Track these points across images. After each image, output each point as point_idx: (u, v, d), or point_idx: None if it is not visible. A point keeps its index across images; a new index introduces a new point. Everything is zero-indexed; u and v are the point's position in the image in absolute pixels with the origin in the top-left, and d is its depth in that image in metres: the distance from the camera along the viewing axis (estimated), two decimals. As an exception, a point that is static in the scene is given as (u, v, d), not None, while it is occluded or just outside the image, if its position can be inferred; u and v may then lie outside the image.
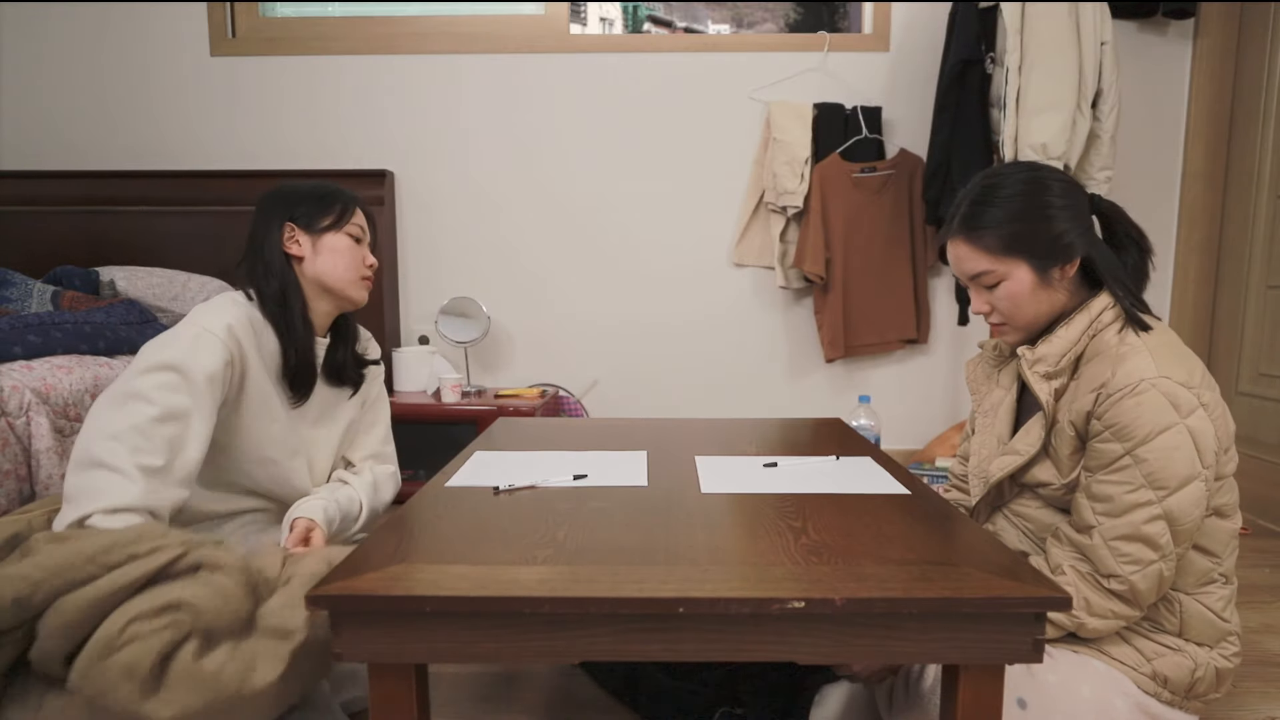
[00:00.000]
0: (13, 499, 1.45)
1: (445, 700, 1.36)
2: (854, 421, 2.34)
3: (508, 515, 0.97)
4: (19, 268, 2.54)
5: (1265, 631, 1.64)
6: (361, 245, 1.34)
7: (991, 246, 1.08)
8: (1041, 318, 1.10)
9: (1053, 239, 1.06)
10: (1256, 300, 2.46)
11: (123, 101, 2.79)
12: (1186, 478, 0.97)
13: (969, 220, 1.10)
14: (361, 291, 1.33)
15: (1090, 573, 1.02)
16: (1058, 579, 1.04)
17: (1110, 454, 1.00)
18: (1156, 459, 0.97)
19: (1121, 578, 0.99)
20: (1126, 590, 1.00)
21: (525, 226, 2.82)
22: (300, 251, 1.28)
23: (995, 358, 1.26)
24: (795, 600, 0.72)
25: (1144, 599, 1.01)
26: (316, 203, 1.29)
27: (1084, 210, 1.09)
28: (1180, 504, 0.97)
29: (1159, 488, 0.97)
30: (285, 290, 1.25)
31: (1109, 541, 1.00)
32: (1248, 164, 2.52)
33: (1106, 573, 1.00)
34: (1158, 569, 0.99)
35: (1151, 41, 2.67)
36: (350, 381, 1.39)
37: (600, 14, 2.78)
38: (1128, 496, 0.99)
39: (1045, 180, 1.08)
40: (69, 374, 1.55)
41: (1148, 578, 0.99)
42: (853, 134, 2.64)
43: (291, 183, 1.33)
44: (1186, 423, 0.97)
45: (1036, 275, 1.07)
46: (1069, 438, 1.06)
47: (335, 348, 1.36)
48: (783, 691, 1.28)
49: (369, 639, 0.76)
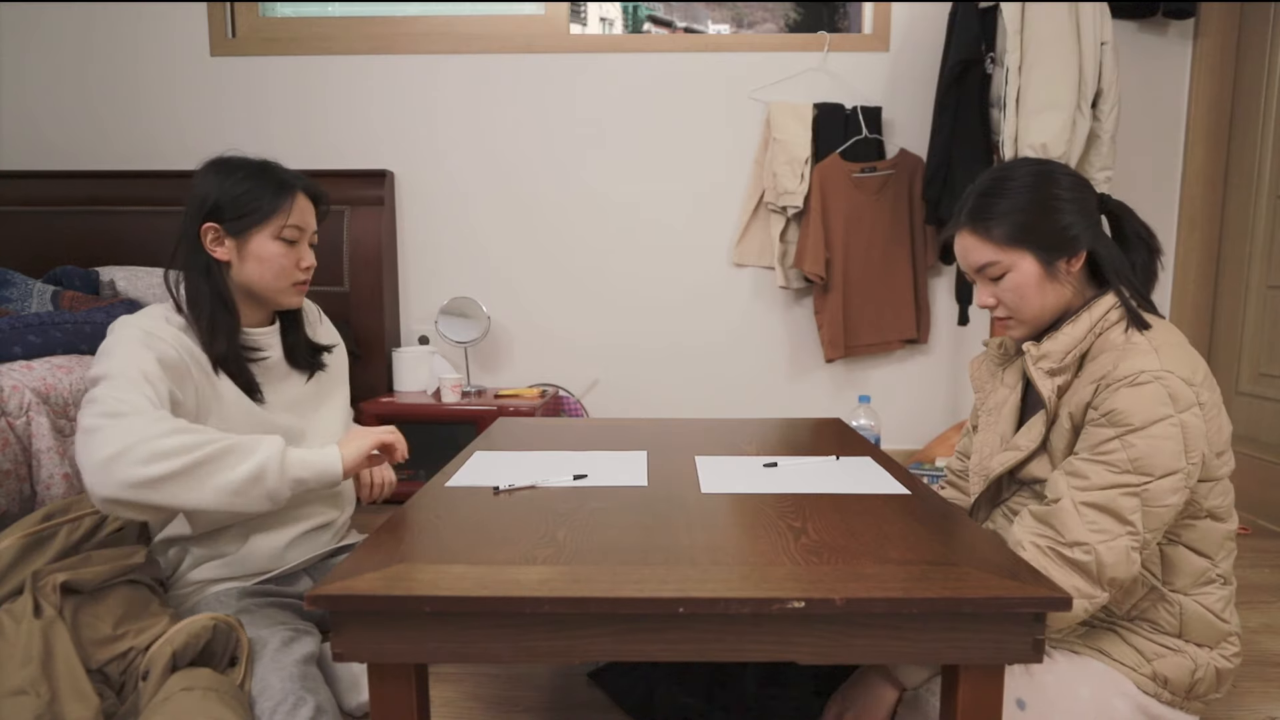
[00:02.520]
0: (13, 499, 1.45)
1: (445, 700, 1.36)
2: (854, 421, 2.34)
3: (508, 515, 0.97)
4: (19, 268, 2.53)
5: (1265, 631, 1.64)
6: (297, 247, 1.20)
7: (998, 237, 1.08)
8: (1047, 312, 1.10)
9: (1058, 231, 1.06)
10: (1256, 300, 2.46)
11: (123, 102, 2.79)
12: (1170, 469, 0.96)
13: (976, 212, 1.10)
14: (294, 297, 1.22)
15: (1051, 545, 0.97)
16: (1018, 552, 1.00)
17: (1099, 436, 0.99)
18: (1145, 446, 0.96)
19: (1087, 545, 0.95)
20: (1090, 561, 0.95)
21: (525, 226, 2.82)
22: (226, 255, 1.16)
23: (1000, 356, 1.26)
24: (795, 600, 0.72)
25: (1108, 573, 0.95)
26: (241, 195, 1.15)
27: (1091, 206, 1.09)
28: (1159, 489, 0.96)
29: (1142, 473, 0.96)
30: (196, 299, 1.15)
31: (1078, 505, 0.97)
32: (1248, 164, 2.52)
33: (1070, 540, 0.96)
34: (1124, 544, 0.95)
35: (1151, 41, 2.67)
36: (305, 366, 1.31)
37: (600, 14, 2.78)
38: (1108, 475, 0.97)
39: (1053, 174, 1.09)
40: (69, 374, 1.55)
41: (1114, 550, 0.95)
42: (853, 134, 2.64)
43: (221, 162, 1.19)
44: (1181, 417, 0.96)
45: (1042, 267, 1.07)
46: (1065, 431, 1.06)
47: (286, 333, 1.28)
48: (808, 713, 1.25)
49: (369, 639, 0.75)
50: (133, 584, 1.11)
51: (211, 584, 1.21)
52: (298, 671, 1.03)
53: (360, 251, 2.70)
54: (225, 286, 1.18)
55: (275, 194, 1.18)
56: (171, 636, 0.98)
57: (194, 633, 0.99)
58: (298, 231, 1.21)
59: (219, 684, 0.95)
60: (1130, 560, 0.96)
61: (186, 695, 0.91)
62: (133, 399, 1.02)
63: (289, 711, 0.98)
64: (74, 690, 0.92)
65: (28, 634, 0.94)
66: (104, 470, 0.97)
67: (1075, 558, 0.96)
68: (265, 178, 1.19)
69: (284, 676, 1.01)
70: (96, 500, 0.99)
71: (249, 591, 1.19)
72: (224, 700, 0.93)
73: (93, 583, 1.05)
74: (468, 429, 2.44)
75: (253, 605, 1.16)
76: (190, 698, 0.91)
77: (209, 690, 0.93)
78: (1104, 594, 0.97)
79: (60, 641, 0.96)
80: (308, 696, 1.00)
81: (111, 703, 0.99)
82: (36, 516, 1.12)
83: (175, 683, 0.93)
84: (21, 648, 0.93)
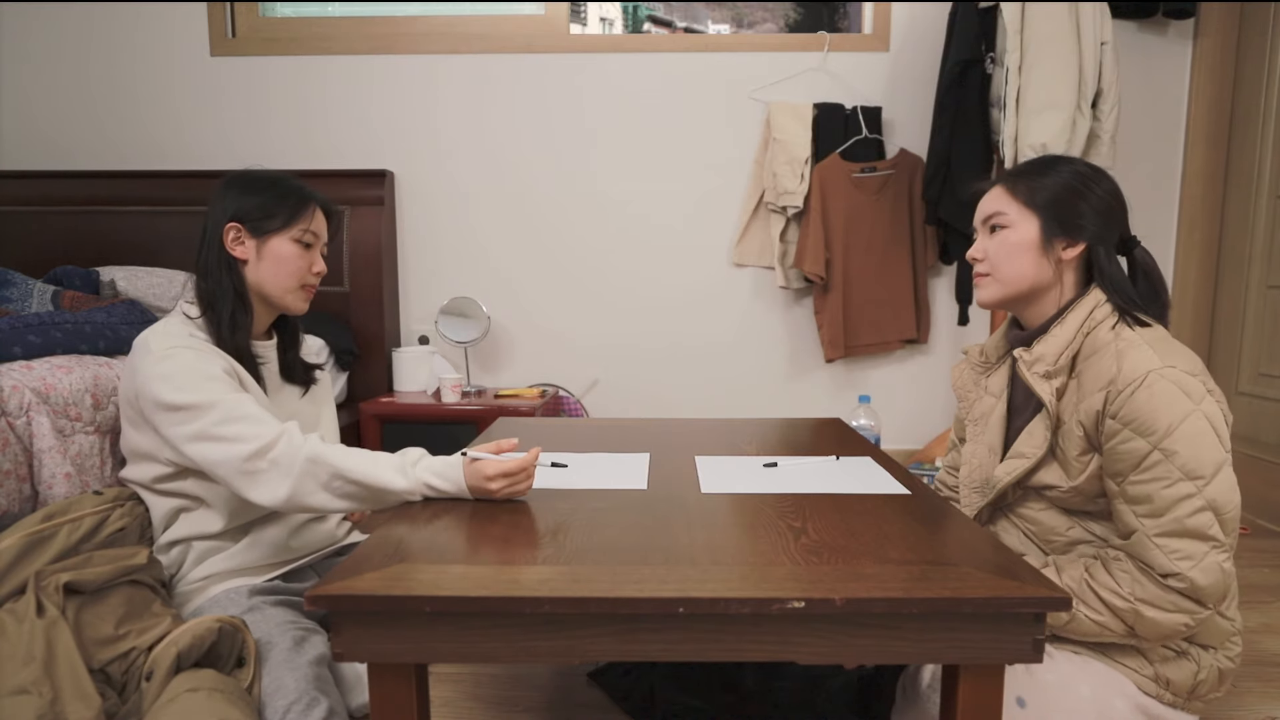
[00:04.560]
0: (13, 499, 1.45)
1: (445, 700, 1.36)
2: (854, 421, 2.34)
3: (508, 515, 0.97)
4: (19, 268, 2.53)
5: (1265, 631, 1.64)
6: (311, 251, 1.28)
7: (1020, 194, 1.11)
8: (1024, 282, 1.10)
9: (1070, 213, 1.08)
10: (1256, 300, 2.46)
11: (123, 102, 2.79)
12: (1218, 462, 0.96)
13: (1016, 172, 1.14)
14: (300, 301, 1.29)
15: (1145, 586, 0.97)
16: (1115, 576, 0.99)
17: (1137, 453, 0.98)
18: (1185, 448, 0.95)
19: (1180, 575, 0.95)
20: (1187, 587, 0.95)
21: (525, 226, 2.82)
22: (245, 254, 1.23)
23: (982, 364, 1.25)
24: (795, 600, 0.72)
25: (1208, 595, 0.95)
26: (266, 201, 1.23)
27: (1115, 220, 1.10)
28: (1220, 490, 0.95)
29: (1196, 477, 0.95)
30: (216, 295, 1.22)
31: (1154, 539, 0.96)
32: (1248, 164, 2.52)
33: (1163, 573, 0.96)
34: (1214, 561, 0.95)
35: (1151, 41, 2.67)
36: (300, 382, 1.38)
37: (600, 14, 2.78)
38: (1166, 492, 0.96)
39: (1101, 176, 1.11)
40: (69, 374, 1.55)
41: (1206, 571, 0.95)
42: (853, 134, 2.64)
43: (246, 174, 1.26)
44: (1201, 408, 0.96)
45: (1041, 237, 1.09)
46: (1078, 439, 1.05)
47: (283, 348, 1.35)
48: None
49: (369, 639, 0.76)
50: (135, 584, 1.11)
51: (217, 579, 1.21)
52: (311, 673, 1.04)
53: (360, 251, 2.70)
54: (244, 284, 1.25)
55: (297, 203, 1.26)
56: (176, 637, 0.98)
57: (199, 634, 0.99)
58: (314, 237, 1.28)
59: (224, 685, 0.95)
60: (1224, 573, 0.96)
61: (192, 696, 0.91)
62: (253, 418, 1.10)
63: (303, 711, 0.98)
64: (76, 690, 0.92)
65: (30, 633, 0.94)
66: (287, 505, 1.08)
67: (1174, 586, 0.96)
68: (288, 189, 1.27)
69: (298, 677, 1.02)
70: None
71: (258, 589, 1.19)
72: (230, 700, 0.93)
73: (95, 583, 1.05)
74: (468, 429, 2.44)
75: (262, 603, 1.16)
76: (196, 698, 0.91)
77: (214, 691, 0.93)
78: (1208, 611, 0.97)
79: (62, 641, 0.96)
80: (321, 698, 1.01)
81: (113, 703, 0.99)
82: (37, 516, 1.12)
83: (180, 684, 0.93)
84: (24, 647, 0.93)
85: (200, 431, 1.10)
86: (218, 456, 1.09)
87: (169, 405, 1.10)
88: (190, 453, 1.11)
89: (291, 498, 1.07)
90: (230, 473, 1.09)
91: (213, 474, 1.11)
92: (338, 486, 1.07)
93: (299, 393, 1.38)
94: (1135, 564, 0.99)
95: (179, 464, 1.18)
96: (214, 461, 1.09)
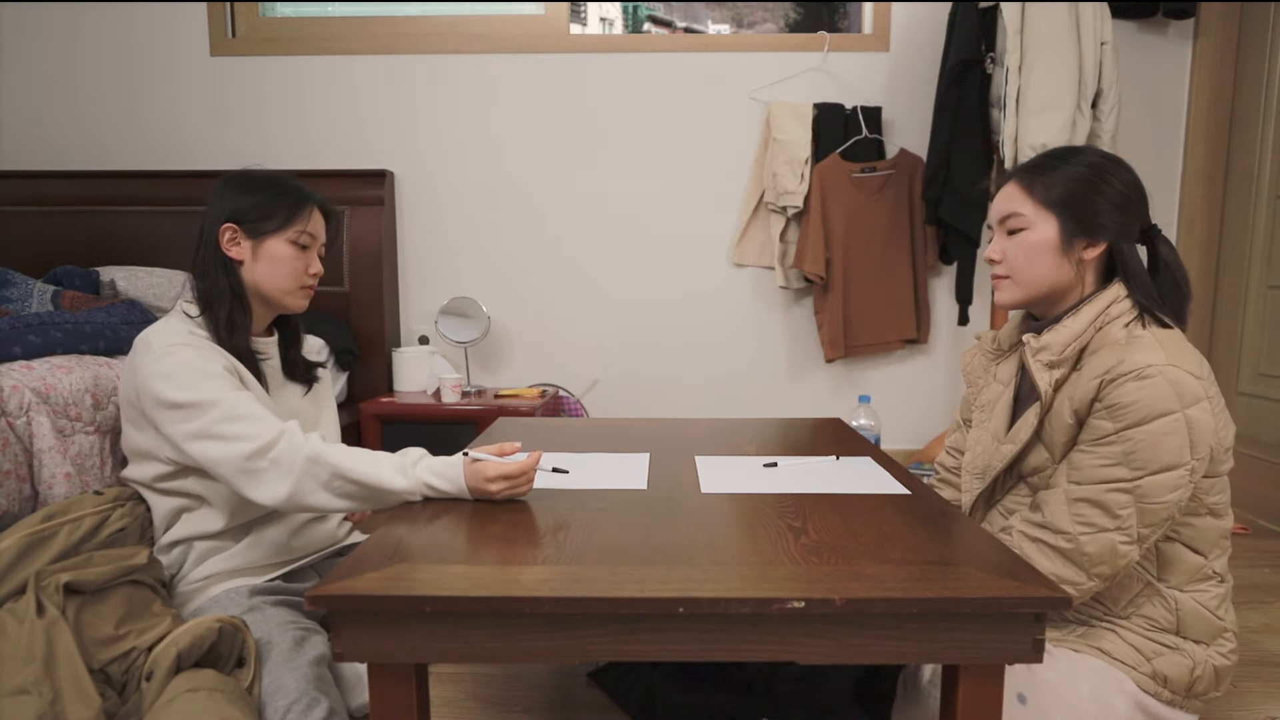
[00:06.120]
0: (13, 499, 1.45)
1: (445, 700, 1.36)
2: (854, 421, 2.34)
3: (508, 515, 0.97)
4: (19, 268, 2.53)
5: (1265, 631, 1.64)
6: (308, 252, 1.27)
7: (1036, 193, 1.09)
8: (1044, 284, 1.10)
9: (1090, 213, 1.07)
10: (1256, 300, 2.46)
11: (123, 102, 2.79)
12: (1169, 465, 0.96)
13: (1032, 167, 1.12)
14: (299, 300, 1.29)
15: (1035, 529, 1.02)
16: (1002, 538, 1.04)
17: (1098, 430, 1.00)
18: (1143, 441, 0.96)
19: (1069, 535, 0.99)
20: (1072, 549, 0.99)
21: (525, 226, 2.82)
22: (240, 255, 1.23)
23: (994, 351, 1.26)
24: (795, 600, 0.72)
25: (1090, 564, 0.99)
26: (263, 201, 1.23)
27: (1136, 213, 1.09)
28: (1153, 485, 0.97)
29: (1136, 468, 0.97)
30: (213, 295, 1.22)
31: (1070, 500, 1.00)
32: (1248, 164, 2.52)
33: (1056, 528, 1.00)
34: (1110, 539, 0.98)
35: (1151, 41, 2.67)
36: (302, 380, 1.38)
37: (600, 14, 2.78)
38: (1100, 469, 0.99)
39: (1118, 166, 1.09)
40: (69, 374, 1.55)
41: (1098, 542, 0.98)
42: (853, 134, 2.64)
43: (245, 173, 1.26)
44: (1187, 413, 0.96)
45: (1060, 238, 1.08)
46: (1067, 425, 1.05)
47: (284, 345, 1.35)
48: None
49: (369, 639, 0.76)
50: (135, 584, 1.11)
51: (218, 579, 1.21)
52: (312, 673, 1.04)
53: (360, 251, 2.70)
54: (241, 285, 1.24)
55: (294, 204, 1.25)
56: (177, 638, 0.98)
57: (199, 634, 0.99)
58: (311, 239, 1.28)
59: (224, 685, 0.96)
60: (1117, 554, 0.98)
61: (192, 696, 0.91)
62: (254, 417, 1.10)
63: (303, 711, 0.98)
64: (76, 690, 0.92)
65: (30, 633, 0.94)
66: (287, 505, 1.08)
67: (1056, 544, 1.00)
68: (286, 189, 1.26)
69: (299, 677, 1.02)
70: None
71: (258, 589, 1.19)
72: (231, 700, 0.93)
73: (95, 583, 1.05)
74: (468, 429, 2.44)
75: (262, 603, 1.16)
76: (196, 698, 0.91)
77: (215, 690, 0.93)
78: (1091, 583, 1.00)
79: (63, 641, 0.96)
80: (321, 698, 1.01)
81: (113, 703, 0.99)
82: (37, 516, 1.13)
83: (180, 684, 0.93)
84: (24, 647, 0.93)
85: (201, 430, 1.10)
86: (218, 455, 1.09)
87: (170, 403, 1.10)
88: (191, 451, 1.11)
89: (292, 497, 1.07)
90: (231, 471, 1.09)
91: (213, 472, 1.11)
92: (338, 486, 1.07)
93: (301, 391, 1.38)
94: (1025, 536, 1.03)
95: (180, 463, 1.19)
96: (215, 460, 1.09)
